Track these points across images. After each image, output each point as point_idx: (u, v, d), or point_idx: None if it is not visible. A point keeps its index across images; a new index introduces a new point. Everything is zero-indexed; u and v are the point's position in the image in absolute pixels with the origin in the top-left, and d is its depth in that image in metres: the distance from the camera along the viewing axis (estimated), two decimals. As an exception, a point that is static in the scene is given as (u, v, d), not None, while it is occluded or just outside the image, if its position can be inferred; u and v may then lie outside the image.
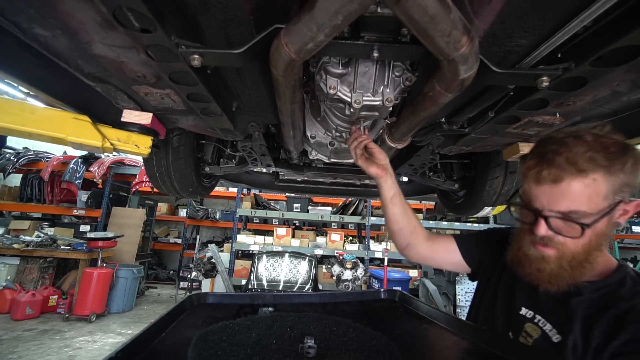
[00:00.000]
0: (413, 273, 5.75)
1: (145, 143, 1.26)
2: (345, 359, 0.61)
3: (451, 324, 0.78)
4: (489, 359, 0.63)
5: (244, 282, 5.25)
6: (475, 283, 1.05)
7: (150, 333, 0.67)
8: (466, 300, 5.32)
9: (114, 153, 1.94)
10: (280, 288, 4.82)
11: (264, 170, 2.72)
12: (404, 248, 1.11)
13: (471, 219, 6.49)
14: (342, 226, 7.44)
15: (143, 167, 3.80)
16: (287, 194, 6.14)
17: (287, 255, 5.23)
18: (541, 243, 0.77)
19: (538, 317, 0.81)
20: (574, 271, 0.74)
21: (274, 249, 5.44)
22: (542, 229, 0.76)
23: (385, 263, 5.01)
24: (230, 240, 6.00)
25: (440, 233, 7.62)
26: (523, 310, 0.84)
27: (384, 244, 5.80)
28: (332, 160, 1.61)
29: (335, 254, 5.43)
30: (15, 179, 6.75)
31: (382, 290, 1.08)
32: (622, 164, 0.70)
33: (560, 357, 0.71)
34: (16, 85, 1.21)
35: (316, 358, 0.61)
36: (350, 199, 6.39)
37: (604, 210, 0.71)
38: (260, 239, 5.66)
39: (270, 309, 0.88)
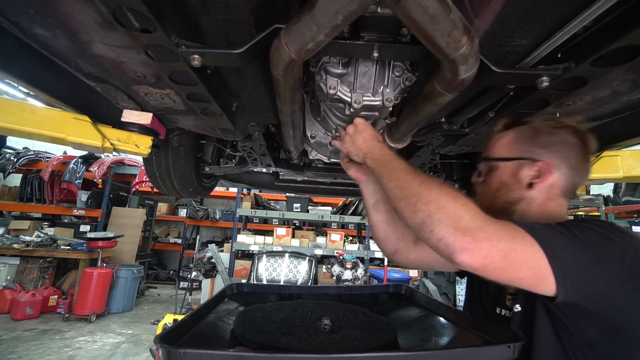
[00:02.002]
0: (413, 273, 5.74)
1: (145, 143, 1.26)
2: (353, 333, 0.73)
3: (443, 311, 0.91)
4: (468, 338, 0.75)
5: (244, 282, 5.25)
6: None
7: (197, 314, 0.79)
8: (466, 300, 5.32)
9: (114, 153, 1.94)
10: (280, 288, 4.81)
11: (264, 170, 2.72)
12: (392, 254, 1.08)
13: (471, 219, 6.49)
14: (342, 226, 7.43)
15: (143, 167, 3.81)
16: (287, 194, 6.14)
17: (287, 255, 5.23)
18: (476, 194, 0.93)
19: (504, 311, 0.86)
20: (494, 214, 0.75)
21: (274, 249, 5.44)
22: (474, 176, 0.93)
23: (385, 263, 5.01)
24: (230, 240, 6.00)
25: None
26: (497, 310, 0.88)
27: (384, 244, 5.79)
28: (332, 160, 1.61)
29: (335, 254, 5.43)
30: (15, 179, 6.75)
31: (390, 284, 1.20)
32: (549, 130, 0.83)
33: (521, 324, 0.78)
34: (16, 85, 1.22)
35: (330, 332, 0.74)
36: (350, 199, 6.38)
37: (503, 157, 0.87)
38: (260, 239, 5.66)
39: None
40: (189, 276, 5.56)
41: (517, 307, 0.80)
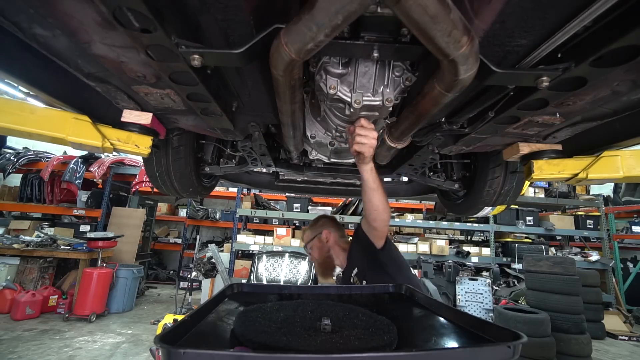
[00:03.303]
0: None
1: (145, 143, 1.26)
2: (353, 333, 0.74)
3: (443, 311, 0.91)
4: (468, 338, 0.75)
5: (244, 282, 5.25)
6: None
7: (197, 314, 0.79)
8: (466, 300, 5.33)
9: (114, 153, 1.94)
10: (280, 288, 4.81)
11: (264, 170, 2.72)
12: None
13: (471, 219, 6.50)
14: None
15: (143, 167, 3.80)
16: (287, 194, 6.14)
17: (287, 255, 5.23)
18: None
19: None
20: (326, 268, 1.95)
21: (274, 249, 5.44)
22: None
23: (385, 263, 5.00)
24: (230, 240, 6.00)
25: (440, 233, 7.56)
26: (351, 279, 1.69)
27: (384, 244, 5.79)
28: (332, 160, 1.62)
29: (335, 254, 5.41)
30: (15, 179, 6.75)
31: (390, 284, 1.19)
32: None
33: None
34: (16, 85, 1.22)
35: (331, 333, 0.74)
36: (350, 199, 6.38)
37: (313, 238, 1.95)
38: (260, 239, 5.66)
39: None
40: (189, 276, 5.56)
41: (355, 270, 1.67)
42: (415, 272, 5.81)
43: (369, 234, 1.55)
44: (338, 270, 2.01)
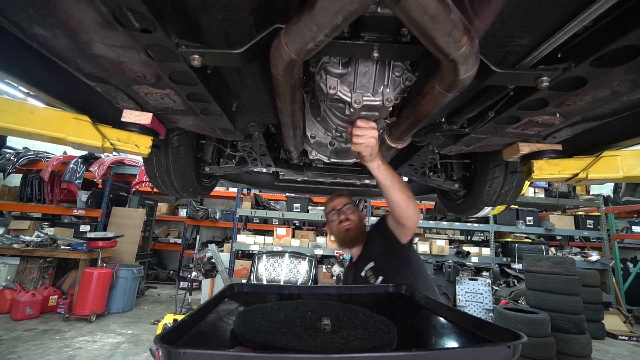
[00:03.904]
0: (413, 273, 5.74)
1: (145, 143, 1.26)
2: (353, 333, 0.74)
3: (443, 311, 0.91)
4: (468, 338, 0.76)
5: (244, 282, 5.25)
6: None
7: (197, 314, 0.80)
8: (466, 300, 5.33)
9: (114, 153, 1.94)
10: (280, 288, 4.82)
11: (264, 170, 2.72)
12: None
13: (471, 219, 6.50)
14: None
15: (143, 167, 3.80)
16: (287, 194, 6.13)
17: (287, 255, 5.23)
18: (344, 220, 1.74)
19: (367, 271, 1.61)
20: (358, 234, 1.74)
21: (274, 249, 5.44)
22: (339, 222, 1.76)
23: (385, 263, 5.00)
24: (230, 240, 6.00)
25: (440, 233, 7.56)
26: (363, 272, 1.62)
27: (384, 244, 5.79)
28: (332, 160, 1.61)
29: (335, 254, 5.43)
30: (15, 179, 6.75)
31: (391, 284, 1.20)
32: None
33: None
34: (16, 85, 1.21)
35: (331, 333, 0.75)
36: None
37: (350, 203, 1.81)
38: (260, 239, 5.66)
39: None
40: (189, 276, 5.56)
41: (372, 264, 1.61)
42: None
43: (396, 230, 1.52)
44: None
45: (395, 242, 1.53)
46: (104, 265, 5.35)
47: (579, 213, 7.21)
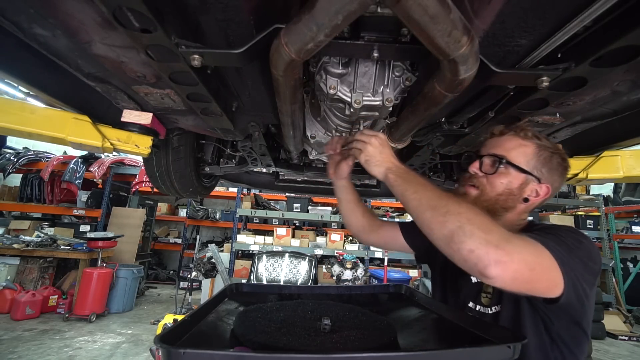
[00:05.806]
0: (413, 273, 5.75)
1: (145, 143, 1.26)
2: (353, 333, 0.73)
3: (443, 311, 0.91)
4: (468, 338, 0.74)
5: (244, 282, 5.25)
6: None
7: (197, 314, 0.79)
8: (466, 300, 5.32)
9: (114, 153, 1.94)
10: (280, 288, 4.82)
11: (264, 170, 2.72)
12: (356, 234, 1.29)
13: (471, 219, 6.49)
14: (342, 226, 7.41)
15: (143, 167, 3.80)
16: (287, 194, 6.13)
17: (287, 255, 5.23)
18: (470, 182, 0.93)
19: (479, 307, 0.92)
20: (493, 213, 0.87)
21: (274, 249, 5.44)
22: (474, 166, 0.92)
23: (385, 263, 5.01)
24: (230, 240, 6.00)
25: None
26: (471, 304, 0.94)
27: (384, 244, 5.79)
28: (332, 160, 1.61)
29: (335, 254, 5.42)
30: (15, 179, 6.75)
31: (390, 284, 1.20)
32: (551, 153, 0.88)
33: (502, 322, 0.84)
34: (16, 85, 1.22)
35: (330, 332, 0.74)
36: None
37: (521, 168, 0.87)
38: (260, 239, 5.65)
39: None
40: (189, 276, 5.56)
41: (496, 308, 0.87)
42: (415, 271, 5.81)
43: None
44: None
45: None
46: (104, 265, 5.35)
47: (579, 213, 7.21)
